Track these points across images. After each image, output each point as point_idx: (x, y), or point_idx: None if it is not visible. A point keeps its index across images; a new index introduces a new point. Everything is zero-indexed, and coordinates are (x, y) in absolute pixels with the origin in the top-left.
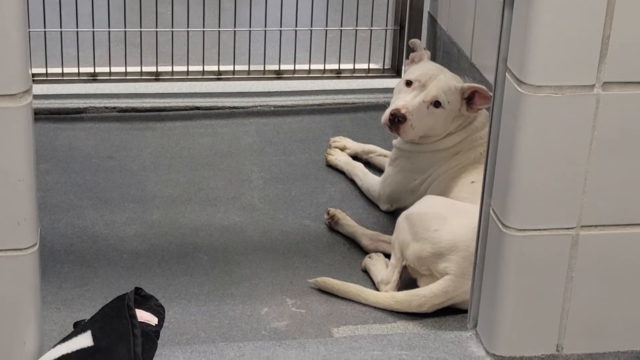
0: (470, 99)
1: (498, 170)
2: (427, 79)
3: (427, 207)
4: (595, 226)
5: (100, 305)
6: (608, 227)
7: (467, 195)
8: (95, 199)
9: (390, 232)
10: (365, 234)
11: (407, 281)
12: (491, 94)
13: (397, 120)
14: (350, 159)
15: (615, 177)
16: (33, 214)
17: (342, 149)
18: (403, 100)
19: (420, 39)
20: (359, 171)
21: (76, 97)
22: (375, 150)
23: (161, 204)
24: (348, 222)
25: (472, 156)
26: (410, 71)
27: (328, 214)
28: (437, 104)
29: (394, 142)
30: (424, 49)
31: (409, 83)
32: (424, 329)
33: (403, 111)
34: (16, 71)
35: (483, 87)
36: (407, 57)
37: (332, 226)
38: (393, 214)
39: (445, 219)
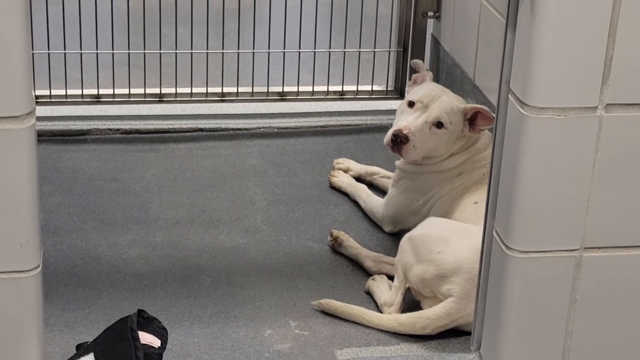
0: (472, 119)
1: (501, 192)
2: (430, 100)
3: (430, 228)
4: (599, 248)
5: (103, 328)
6: (611, 248)
7: (470, 216)
8: (98, 221)
9: (394, 254)
10: (368, 256)
11: (411, 303)
12: (494, 115)
13: (400, 141)
14: (354, 180)
15: (618, 198)
16: (36, 235)
17: (346, 171)
18: (405, 121)
19: (423, 60)
20: (363, 193)
21: (80, 118)
22: (378, 172)
23: (164, 225)
24: (351, 244)
25: (475, 177)
26: (412, 92)
27: (331, 235)
28: (439, 124)
29: (397, 163)
30: (427, 70)
31: (411, 104)
32: (427, 351)
33: (405, 132)
34: (19, 93)
35: (485, 107)
36: (410, 79)
37: (336, 248)
38: (396, 236)
39: (448, 240)
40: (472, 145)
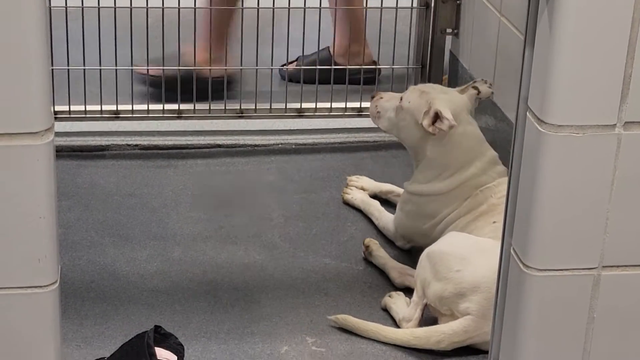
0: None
1: (519, 210)
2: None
3: (449, 245)
4: (617, 266)
5: (120, 343)
6: (630, 267)
7: (490, 234)
8: (116, 236)
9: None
10: (394, 267)
11: (429, 320)
12: (448, 119)
13: (372, 97)
14: (367, 197)
15: (637, 216)
16: (54, 251)
17: (360, 189)
18: None
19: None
20: (375, 210)
21: (98, 134)
22: (393, 190)
23: (182, 241)
24: (380, 254)
25: (483, 200)
26: None
27: (364, 244)
28: (401, 99)
29: (405, 184)
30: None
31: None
32: None
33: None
34: (38, 110)
35: (443, 112)
36: None
37: (367, 257)
38: (421, 249)
39: (468, 259)
40: (462, 168)
